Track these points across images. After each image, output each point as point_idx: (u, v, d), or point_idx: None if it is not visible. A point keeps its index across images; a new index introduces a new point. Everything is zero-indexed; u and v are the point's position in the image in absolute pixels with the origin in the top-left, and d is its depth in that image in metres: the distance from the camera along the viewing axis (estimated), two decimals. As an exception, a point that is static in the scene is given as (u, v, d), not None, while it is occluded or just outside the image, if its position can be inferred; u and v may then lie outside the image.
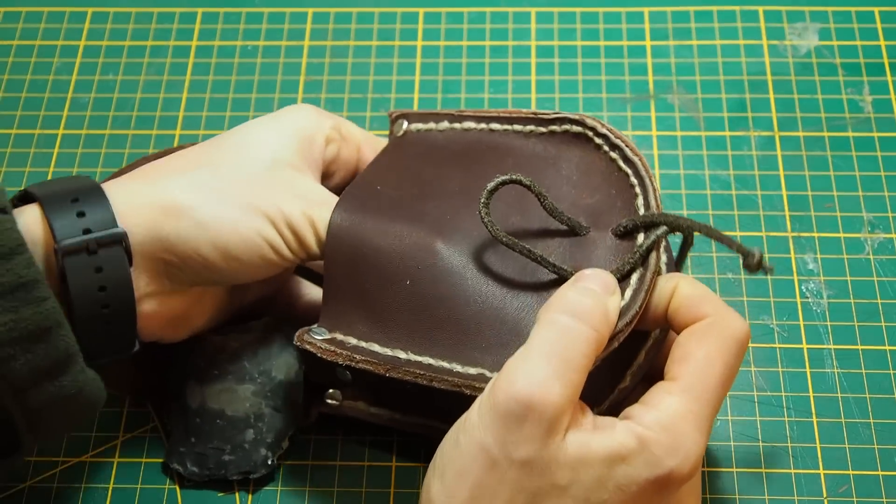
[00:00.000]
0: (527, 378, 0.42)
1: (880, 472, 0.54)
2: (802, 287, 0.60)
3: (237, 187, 0.50)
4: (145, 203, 0.48)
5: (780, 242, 0.62)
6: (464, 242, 0.51)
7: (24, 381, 0.44)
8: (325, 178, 0.55)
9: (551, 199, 0.51)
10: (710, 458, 0.55)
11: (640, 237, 0.50)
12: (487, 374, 0.48)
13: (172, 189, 0.49)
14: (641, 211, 0.51)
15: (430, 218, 0.52)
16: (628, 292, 0.48)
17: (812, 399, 0.57)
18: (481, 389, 0.45)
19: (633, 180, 0.52)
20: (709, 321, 0.46)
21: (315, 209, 0.51)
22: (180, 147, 0.64)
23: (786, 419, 0.56)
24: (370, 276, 0.51)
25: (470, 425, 0.44)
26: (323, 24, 0.72)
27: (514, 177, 0.49)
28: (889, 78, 0.68)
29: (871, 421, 0.56)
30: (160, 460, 0.56)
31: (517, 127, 0.56)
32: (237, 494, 0.55)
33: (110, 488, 0.55)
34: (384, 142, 0.59)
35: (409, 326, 0.50)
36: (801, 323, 0.59)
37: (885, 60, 0.69)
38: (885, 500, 0.54)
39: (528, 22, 0.72)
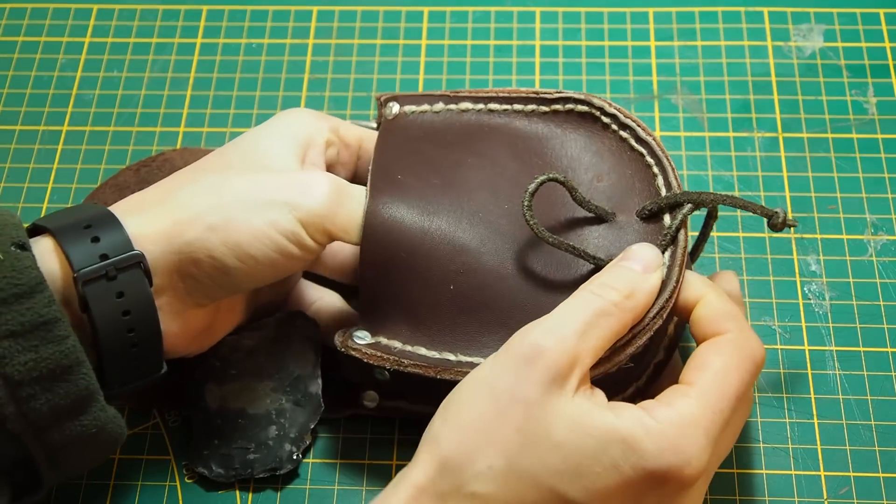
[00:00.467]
0: (543, 329, 0.44)
1: (881, 475, 0.54)
2: (805, 289, 0.60)
3: (246, 189, 0.49)
4: (157, 221, 0.48)
5: (782, 244, 0.62)
6: (501, 242, 0.51)
7: (45, 420, 0.44)
8: None
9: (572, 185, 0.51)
10: (710, 459, 0.55)
11: (667, 218, 0.50)
12: None
13: (181, 202, 0.48)
14: (663, 191, 0.51)
15: (462, 216, 0.52)
16: (664, 270, 0.49)
17: (813, 400, 0.57)
18: None
19: (650, 160, 0.52)
20: (730, 336, 0.47)
21: (335, 194, 0.50)
22: (160, 155, 0.64)
23: (787, 420, 0.56)
24: (410, 279, 0.50)
25: (479, 369, 0.45)
26: (327, 22, 0.72)
27: (550, 175, 0.49)
28: (894, 80, 0.68)
29: (873, 423, 0.56)
30: (161, 457, 0.56)
31: (517, 107, 0.55)
32: (237, 492, 0.55)
33: (111, 485, 0.56)
34: None
35: (454, 330, 0.50)
36: (803, 324, 0.59)
37: (890, 62, 0.69)
38: (885, 501, 0.54)
39: (533, 21, 0.72)
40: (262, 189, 0.49)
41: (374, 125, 0.57)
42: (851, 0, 0.71)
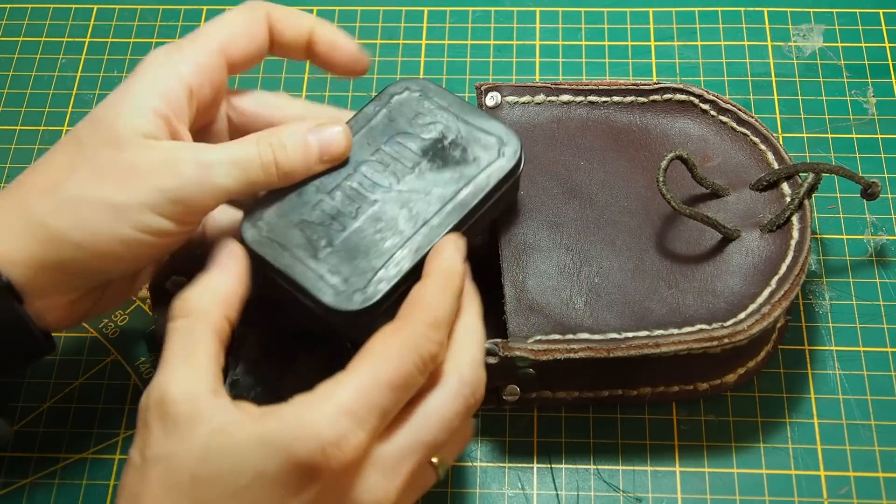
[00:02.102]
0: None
1: (881, 474, 0.54)
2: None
3: (105, 188, 0.47)
4: (21, 239, 0.47)
5: (782, 244, 0.62)
6: (630, 237, 0.55)
7: None
8: (207, 118, 0.53)
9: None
10: (710, 459, 0.55)
11: (785, 186, 0.55)
12: (706, 327, 0.51)
13: (43, 216, 0.47)
14: (775, 165, 0.56)
15: (588, 223, 0.55)
16: (796, 231, 0.54)
17: (813, 400, 0.57)
18: (706, 343, 0.50)
19: (754, 139, 0.57)
20: (399, 324, 0.45)
21: (202, 171, 0.47)
22: None
23: (787, 420, 0.56)
24: (553, 289, 0.53)
25: None
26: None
27: (677, 153, 0.53)
28: (893, 80, 0.68)
29: (872, 423, 0.56)
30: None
31: (616, 98, 0.59)
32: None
33: (111, 485, 0.56)
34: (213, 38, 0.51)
35: (606, 318, 0.52)
36: (804, 324, 0.59)
37: (890, 62, 0.69)
38: (885, 501, 0.54)
39: (533, 21, 0.72)
40: (121, 188, 0.47)
41: None
42: (851, 0, 0.71)
